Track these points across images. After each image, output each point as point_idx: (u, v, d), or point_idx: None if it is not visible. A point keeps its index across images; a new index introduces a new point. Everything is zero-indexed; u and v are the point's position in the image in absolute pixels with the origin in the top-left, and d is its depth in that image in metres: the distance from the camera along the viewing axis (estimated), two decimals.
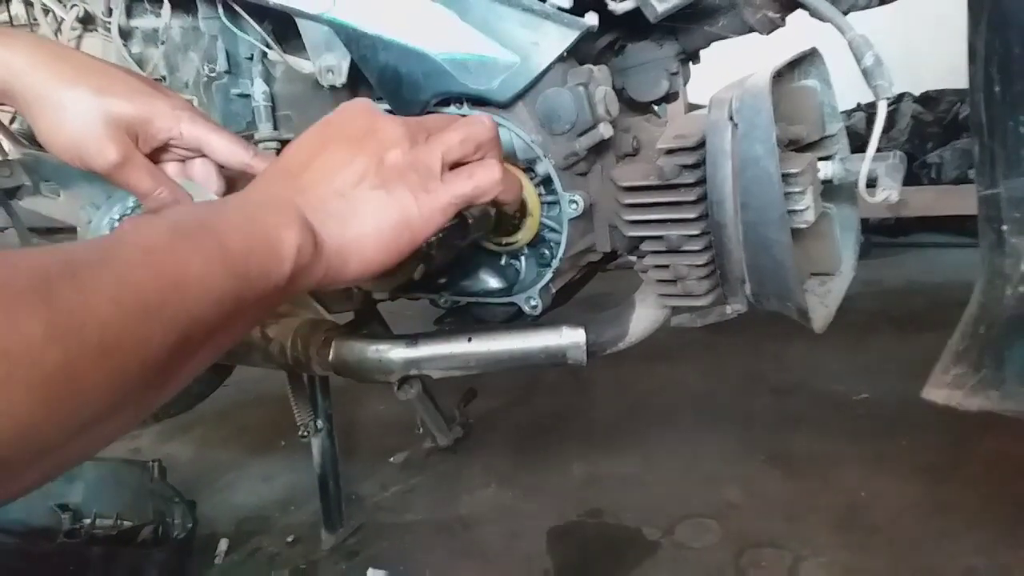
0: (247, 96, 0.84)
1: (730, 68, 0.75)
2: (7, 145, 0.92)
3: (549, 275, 0.74)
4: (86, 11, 0.90)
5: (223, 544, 1.33)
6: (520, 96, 0.67)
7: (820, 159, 0.66)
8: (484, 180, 0.55)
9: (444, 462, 1.53)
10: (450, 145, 0.54)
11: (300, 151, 0.52)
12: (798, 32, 0.75)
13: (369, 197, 0.50)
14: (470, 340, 0.80)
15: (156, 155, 0.67)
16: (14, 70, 0.61)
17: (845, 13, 0.64)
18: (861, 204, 0.70)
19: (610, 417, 1.65)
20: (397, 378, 0.85)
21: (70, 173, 0.87)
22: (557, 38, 0.65)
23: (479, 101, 0.69)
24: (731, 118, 0.60)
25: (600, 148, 0.69)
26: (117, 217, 0.81)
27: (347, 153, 0.51)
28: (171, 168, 0.68)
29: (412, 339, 0.83)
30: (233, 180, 0.72)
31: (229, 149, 0.67)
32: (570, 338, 0.78)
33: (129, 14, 0.88)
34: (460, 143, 0.55)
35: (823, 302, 0.72)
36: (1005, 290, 0.58)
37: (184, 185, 0.67)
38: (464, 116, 0.59)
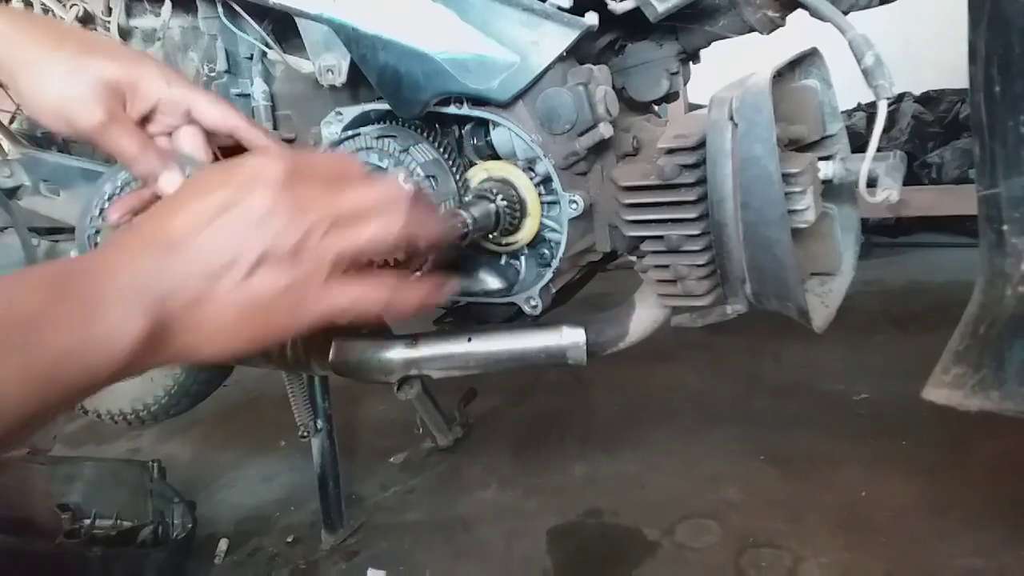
0: (247, 96, 0.84)
1: (730, 68, 0.75)
2: (7, 145, 0.92)
3: (549, 275, 0.74)
4: (85, 10, 0.90)
5: (223, 544, 1.33)
6: (520, 96, 0.67)
7: (820, 159, 0.66)
8: (364, 300, 0.49)
9: (444, 462, 1.53)
10: (351, 248, 0.48)
11: (185, 217, 0.45)
12: (798, 32, 0.75)
13: (239, 291, 0.45)
14: (470, 340, 0.80)
15: (143, 126, 0.66)
16: None
17: (845, 13, 0.64)
18: (861, 204, 0.70)
19: (610, 417, 1.65)
20: (397, 378, 0.85)
21: (69, 173, 0.87)
22: (557, 38, 0.64)
23: (479, 100, 0.69)
24: (731, 118, 0.60)
25: (600, 148, 0.69)
26: (107, 196, 0.80)
27: (233, 239, 0.44)
28: (159, 143, 0.67)
29: (412, 339, 0.83)
30: (221, 144, 0.70)
31: (218, 111, 0.66)
32: (570, 338, 0.78)
33: (129, 14, 0.88)
34: (366, 243, 0.48)
35: (823, 302, 0.72)
36: (1005, 290, 0.58)
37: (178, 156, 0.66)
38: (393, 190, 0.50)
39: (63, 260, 0.47)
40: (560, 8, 0.64)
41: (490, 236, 0.73)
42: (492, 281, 0.80)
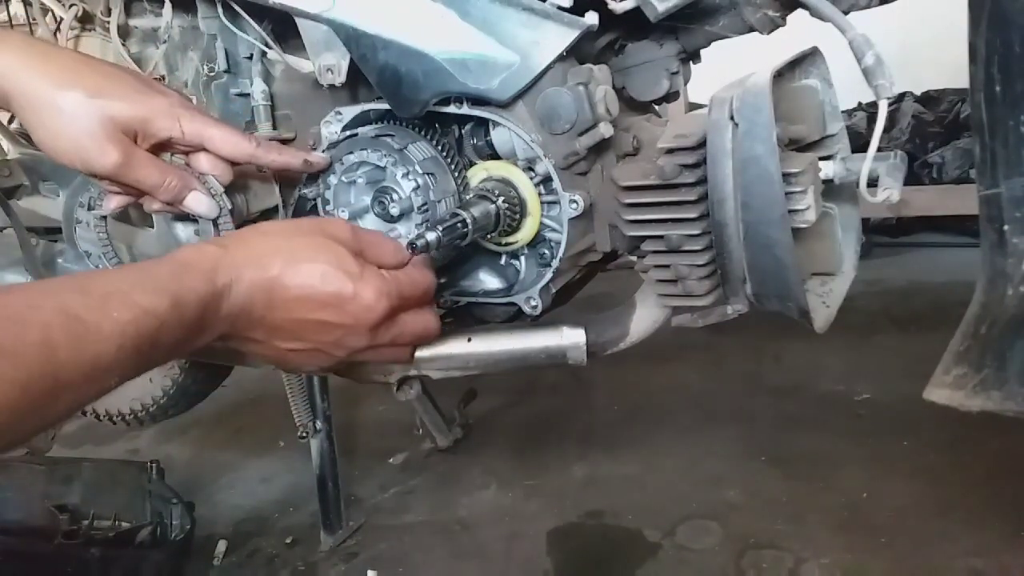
0: (246, 95, 0.84)
1: (731, 67, 0.75)
2: (6, 145, 0.92)
3: (549, 275, 0.74)
4: (85, 11, 0.90)
5: (221, 545, 1.32)
6: (520, 95, 0.67)
7: (821, 158, 0.66)
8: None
9: (443, 463, 1.53)
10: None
11: (296, 309, 0.59)
12: (799, 31, 0.75)
13: (292, 356, 0.63)
14: (470, 340, 0.80)
15: (156, 151, 0.67)
16: (5, 72, 0.60)
17: (846, 12, 0.64)
18: (862, 204, 0.70)
19: (610, 418, 1.65)
20: (396, 379, 0.85)
21: (69, 173, 0.87)
22: (557, 37, 0.64)
23: (479, 100, 0.69)
24: (732, 117, 0.60)
25: (600, 148, 0.69)
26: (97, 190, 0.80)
27: (317, 343, 0.62)
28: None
29: None
30: (242, 170, 0.72)
31: (231, 142, 0.68)
32: (570, 338, 0.77)
33: (128, 13, 0.88)
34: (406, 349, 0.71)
35: (824, 302, 0.72)
36: (1006, 290, 0.58)
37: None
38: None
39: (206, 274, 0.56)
40: (560, 8, 0.64)
41: (490, 236, 0.73)
42: (492, 281, 0.80)
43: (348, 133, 0.77)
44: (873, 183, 0.62)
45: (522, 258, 0.78)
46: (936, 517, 1.16)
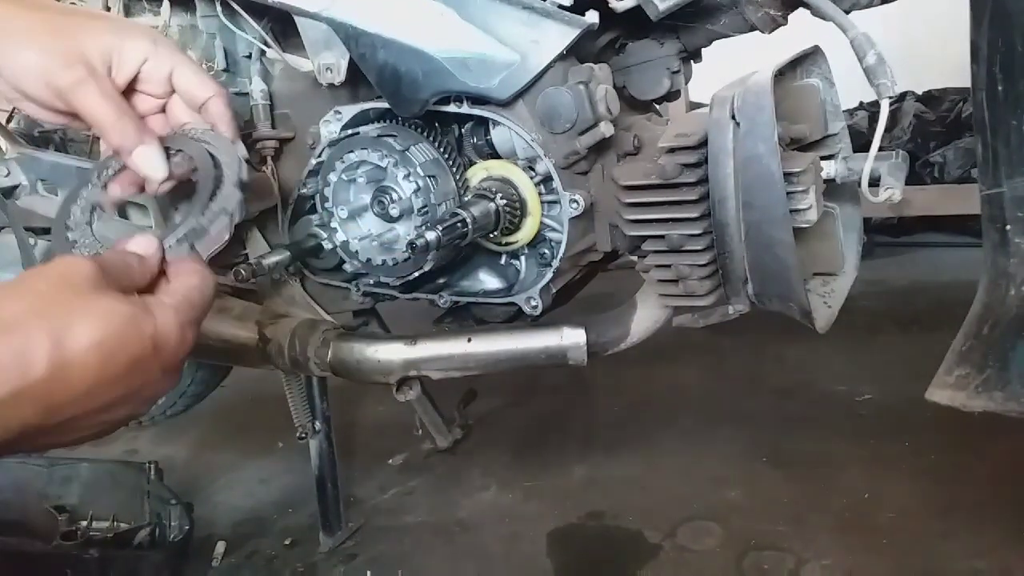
0: (245, 95, 0.83)
1: (732, 66, 0.74)
2: (4, 144, 0.92)
3: (549, 275, 0.74)
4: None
5: (220, 547, 1.32)
6: (520, 94, 0.67)
7: (822, 158, 0.66)
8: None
9: (443, 464, 1.52)
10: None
11: (91, 402, 0.45)
12: (800, 30, 0.75)
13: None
14: (470, 340, 0.80)
15: (128, 97, 0.63)
16: None
17: (847, 11, 0.64)
18: (864, 203, 0.70)
19: (611, 418, 1.65)
20: (396, 379, 0.85)
21: (67, 172, 0.87)
22: (558, 36, 0.64)
23: (479, 99, 0.68)
24: (733, 117, 0.60)
25: (601, 147, 0.69)
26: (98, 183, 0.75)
27: (118, 406, 0.48)
28: (153, 123, 0.65)
29: (411, 339, 0.83)
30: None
31: (201, 74, 0.65)
32: (571, 338, 0.77)
33: (127, 12, 0.87)
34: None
35: (826, 302, 0.72)
36: (1009, 290, 0.58)
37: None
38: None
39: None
40: (560, 6, 0.64)
41: (490, 236, 0.73)
42: (492, 281, 0.80)
43: (349, 131, 0.76)
44: (875, 182, 0.62)
45: (522, 258, 0.77)
46: (938, 518, 1.15)
